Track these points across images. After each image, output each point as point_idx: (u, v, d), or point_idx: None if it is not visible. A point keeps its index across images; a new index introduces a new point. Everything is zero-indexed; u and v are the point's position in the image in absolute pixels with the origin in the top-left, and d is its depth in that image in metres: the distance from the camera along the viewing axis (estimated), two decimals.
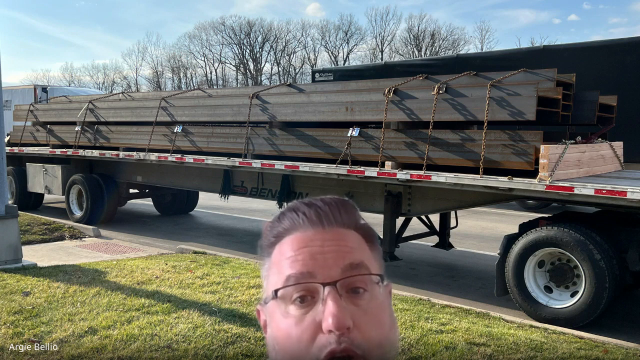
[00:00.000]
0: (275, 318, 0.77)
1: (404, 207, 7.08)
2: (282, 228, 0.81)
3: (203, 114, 8.91)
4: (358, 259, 0.77)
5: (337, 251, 0.77)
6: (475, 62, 11.52)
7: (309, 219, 0.79)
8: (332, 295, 0.73)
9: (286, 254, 0.78)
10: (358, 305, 0.74)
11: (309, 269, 0.75)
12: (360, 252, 0.79)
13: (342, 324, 0.71)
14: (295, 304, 0.75)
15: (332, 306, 0.72)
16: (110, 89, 58.20)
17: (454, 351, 4.27)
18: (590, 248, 5.25)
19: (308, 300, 0.75)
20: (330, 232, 0.79)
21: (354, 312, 0.73)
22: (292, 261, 0.77)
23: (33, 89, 20.19)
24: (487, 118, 5.77)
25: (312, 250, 0.77)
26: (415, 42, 55.67)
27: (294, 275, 0.75)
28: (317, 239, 0.78)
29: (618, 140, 7.21)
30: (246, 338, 4.40)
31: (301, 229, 0.79)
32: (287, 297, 0.76)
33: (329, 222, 0.79)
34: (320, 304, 0.73)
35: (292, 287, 0.75)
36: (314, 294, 0.74)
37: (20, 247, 7.22)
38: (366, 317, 0.74)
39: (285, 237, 0.80)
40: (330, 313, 0.71)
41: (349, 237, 0.79)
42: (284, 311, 0.76)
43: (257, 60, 61.61)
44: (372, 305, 0.75)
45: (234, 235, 10.02)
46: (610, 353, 4.44)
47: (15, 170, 12.14)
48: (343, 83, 8.62)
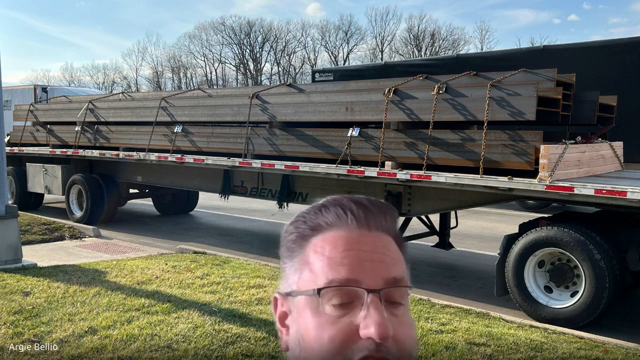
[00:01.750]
0: (305, 314, 0.75)
1: (404, 207, 7.08)
2: (324, 222, 0.77)
3: (203, 114, 8.91)
4: (400, 274, 0.76)
5: (383, 261, 0.75)
6: (475, 62, 11.52)
7: (356, 218, 0.77)
8: (376, 304, 0.72)
9: (328, 253, 0.75)
10: (396, 316, 0.74)
11: (355, 276, 0.73)
12: (401, 265, 0.78)
13: (385, 334, 0.70)
14: (334, 305, 0.73)
15: (376, 315, 0.71)
16: (110, 89, 58.20)
17: (454, 351, 4.27)
18: (590, 248, 5.25)
19: (347, 303, 0.73)
20: (376, 237, 0.77)
21: (392, 322, 0.72)
22: (337, 263, 0.74)
23: (33, 89, 20.19)
24: (487, 118, 5.77)
25: (360, 255, 0.74)
26: (415, 42, 55.70)
27: (339, 280, 0.73)
28: (366, 243, 0.75)
29: (618, 140, 7.21)
30: (246, 338, 4.40)
31: (346, 228, 0.76)
32: (326, 296, 0.74)
33: (376, 225, 0.77)
34: (359, 309, 0.72)
35: (336, 288, 0.73)
36: (354, 298, 0.73)
37: (20, 247, 7.22)
38: (402, 329, 0.74)
39: (325, 233, 0.77)
40: (374, 321, 0.70)
41: (392, 247, 0.78)
42: (318, 309, 0.74)
43: (257, 60, 61.65)
44: (406, 319, 0.76)
45: (234, 235, 10.02)
46: (610, 353, 4.44)
47: (15, 170, 12.14)
48: (343, 83, 8.62)
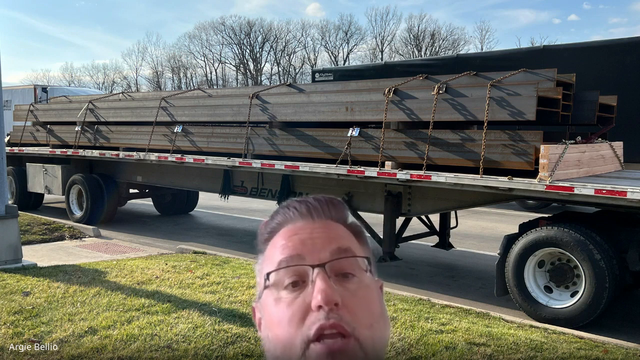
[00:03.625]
0: (268, 307, 0.78)
1: (404, 207, 7.08)
2: (275, 223, 0.85)
3: (203, 114, 8.91)
4: (346, 244, 0.80)
5: (326, 237, 0.80)
6: (475, 62, 11.52)
7: (299, 212, 0.83)
8: (321, 276, 0.75)
9: (277, 244, 0.81)
10: (347, 288, 0.76)
11: (298, 252, 0.78)
12: (347, 240, 0.81)
13: (330, 299, 0.72)
14: (288, 288, 0.77)
15: (320, 284, 0.74)
16: (110, 89, 58.18)
17: (454, 351, 4.27)
18: (590, 248, 5.24)
19: (299, 285, 0.76)
20: (319, 222, 0.82)
21: (342, 293, 0.74)
22: (282, 248, 0.80)
23: (33, 89, 20.18)
24: (487, 118, 5.77)
25: (302, 237, 0.80)
26: (415, 42, 55.68)
27: (284, 260, 0.78)
28: (307, 228, 0.81)
29: (618, 140, 7.21)
30: (246, 338, 4.40)
31: (292, 222, 0.83)
32: (280, 283, 0.78)
33: (319, 215, 0.83)
34: (310, 286, 0.75)
35: (284, 271, 0.77)
36: (304, 277, 0.76)
37: (20, 247, 7.22)
38: (355, 299, 0.75)
39: (278, 232, 0.83)
40: (318, 290, 0.73)
41: (337, 228, 0.83)
42: (277, 297, 0.77)
43: (257, 60, 61.63)
44: (361, 290, 0.77)
45: (234, 235, 10.02)
46: (610, 353, 4.44)
47: (15, 170, 12.14)
48: (343, 83, 8.62)
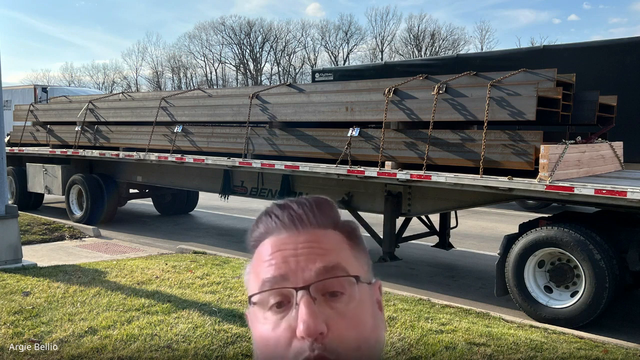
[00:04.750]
0: (255, 323, 0.77)
1: (404, 207, 7.08)
2: (259, 232, 0.81)
3: (203, 114, 8.91)
4: (333, 261, 0.75)
5: (310, 254, 0.75)
6: (475, 62, 11.52)
7: (282, 222, 0.78)
8: (305, 300, 0.71)
9: (262, 258, 0.77)
10: (334, 308, 0.73)
11: (281, 272, 0.74)
12: (337, 253, 0.77)
13: (312, 331, 0.69)
14: (273, 309, 0.74)
15: (303, 312, 0.70)
16: (110, 89, 58.19)
17: (454, 351, 4.27)
18: (590, 248, 5.24)
19: (285, 304, 0.74)
20: (304, 234, 0.77)
21: (329, 315, 0.72)
22: (266, 265, 0.76)
23: (33, 89, 20.17)
24: (487, 118, 5.77)
25: (285, 254, 0.75)
26: (415, 42, 55.68)
27: (268, 280, 0.75)
28: (290, 242, 0.76)
29: (618, 140, 7.21)
30: (246, 338, 4.40)
31: (275, 233, 0.78)
32: (265, 302, 0.75)
33: (303, 225, 0.78)
34: (294, 310, 0.72)
35: (268, 292, 0.75)
36: (289, 298, 0.73)
37: (20, 247, 7.22)
38: (343, 321, 0.72)
39: (263, 241, 0.79)
40: (301, 319, 0.70)
41: (325, 239, 0.78)
42: (262, 317, 0.75)
43: (257, 60, 61.63)
44: (350, 308, 0.74)
45: (234, 235, 10.01)
46: (610, 353, 4.44)
47: (15, 170, 12.14)
48: (343, 83, 8.62)
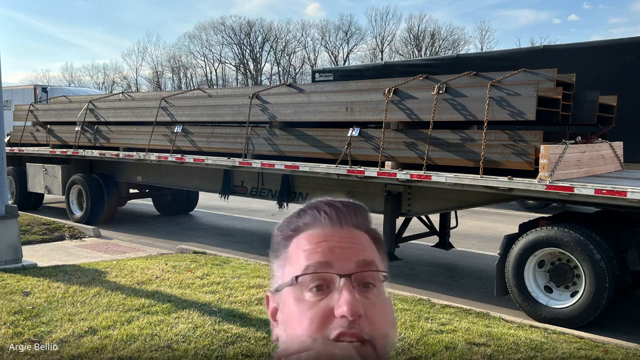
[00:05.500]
0: (289, 303, 0.83)
1: (404, 207, 7.08)
2: (302, 223, 0.88)
3: (203, 114, 8.91)
4: (370, 257, 0.85)
5: (353, 248, 0.84)
6: (475, 62, 11.52)
7: (329, 217, 0.87)
8: (348, 286, 0.80)
9: (304, 247, 0.84)
10: (368, 298, 0.81)
11: (327, 259, 0.82)
12: (371, 252, 0.86)
13: (355, 311, 0.77)
14: (312, 291, 0.81)
15: (347, 295, 0.78)
16: (110, 89, 58.15)
17: (454, 351, 4.27)
18: (590, 248, 5.24)
19: (324, 289, 0.81)
20: (346, 231, 0.86)
21: (364, 302, 0.80)
22: (310, 252, 0.83)
23: (33, 89, 20.18)
24: (487, 118, 5.77)
25: (331, 245, 0.84)
26: (415, 42, 55.66)
27: (312, 265, 0.82)
28: (336, 236, 0.85)
29: (618, 140, 7.21)
30: (246, 338, 4.40)
31: (321, 227, 0.86)
32: (305, 284, 0.82)
33: (346, 222, 0.87)
34: (335, 293, 0.80)
35: (311, 275, 0.82)
36: (329, 283, 0.81)
37: (20, 247, 7.22)
38: (374, 309, 0.80)
39: (304, 232, 0.87)
40: (345, 301, 0.78)
41: (361, 238, 0.87)
42: (299, 297, 0.82)
43: (257, 60, 61.61)
44: (379, 300, 0.82)
45: (234, 235, 10.02)
46: (610, 353, 4.44)
47: (15, 170, 12.13)
48: (343, 83, 8.63)
